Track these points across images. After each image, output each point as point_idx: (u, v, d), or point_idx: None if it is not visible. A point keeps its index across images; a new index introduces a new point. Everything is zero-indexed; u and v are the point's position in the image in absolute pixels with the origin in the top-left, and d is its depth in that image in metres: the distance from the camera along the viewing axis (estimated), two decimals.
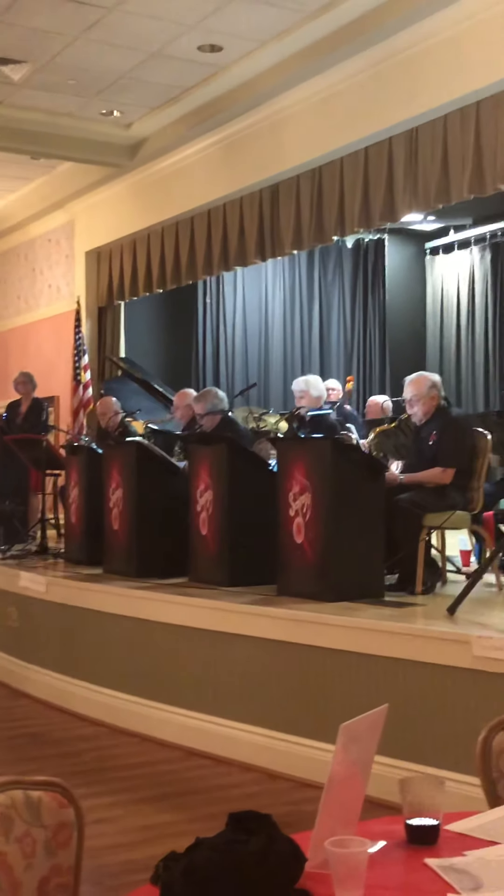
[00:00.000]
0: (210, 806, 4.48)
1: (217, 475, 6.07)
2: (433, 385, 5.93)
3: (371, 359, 13.05)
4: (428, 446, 5.88)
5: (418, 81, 6.37)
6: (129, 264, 9.89)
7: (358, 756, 1.78)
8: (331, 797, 1.69)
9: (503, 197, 6.95)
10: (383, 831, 1.80)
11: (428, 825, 1.75)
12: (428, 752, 4.39)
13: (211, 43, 6.76)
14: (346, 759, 1.74)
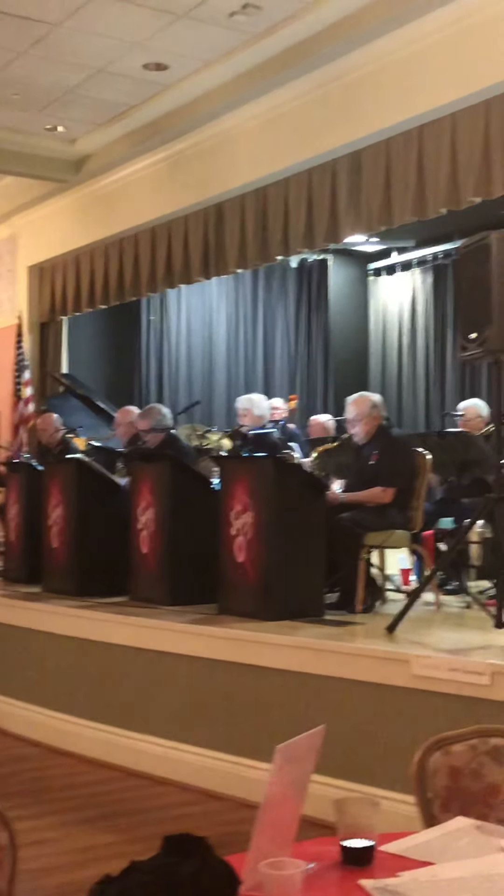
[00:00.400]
0: (148, 827, 4.44)
1: (159, 493, 6.04)
2: (374, 405, 5.98)
3: (314, 378, 13.12)
4: (369, 466, 5.92)
5: (362, 105, 6.44)
6: (73, 280, 9.84)
7: (294, 777, 1.78)
8: (266, 819, 1.69)
9: (445, 220, 7.04)
10: (318, 852, 1.80)
11: (362, 846, 1.75)
12: (366, 772, 4.40)
13: (156, 61, 6.78)
14: (282, 781, 1.74)
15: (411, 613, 4.94)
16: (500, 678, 4.02)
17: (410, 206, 6.25)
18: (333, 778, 4.40)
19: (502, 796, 2.18)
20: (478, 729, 2.26)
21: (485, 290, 4.55)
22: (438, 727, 3.99)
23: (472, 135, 5.83)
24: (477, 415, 7.15)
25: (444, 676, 4.16)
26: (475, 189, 5.81)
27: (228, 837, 4.26)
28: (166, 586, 5.92)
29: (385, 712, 4.38)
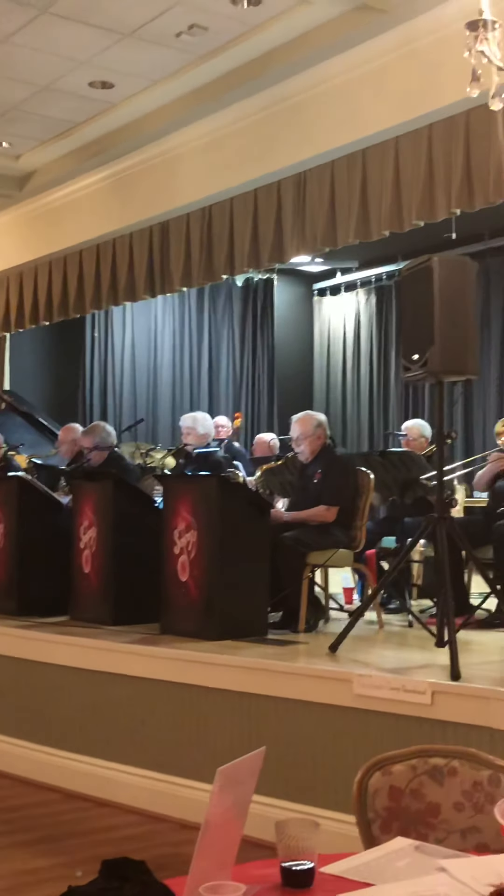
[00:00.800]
0: (89, 849, 4.39)
1: (101, 512, 6.01)
2: (319, 424, 6.01)
3: (259, 396, 13.15)
4: (313, 484, 5.94)
5: (307, 127, 6.49)
6: (16, 296, 9.76)
7: (235, 800, 1.77)
8: (207, 841, 1.68)
9: (388, 242, 7.11)
10: (259, 875, 1.80)
11: (302, 868, 1.75)
12: (309, 792, 4.40)
13: (102, 79, 6.77)
14: (223, 803, 1.73)
15: (354, 632, 4.96)
16: (440, 697, 4.05)
17: (354, 228, 6.30)
18: (275, 798, 4.40)
19: (442, 816, 2.20)
20: (418, 749, 2.27)
21: (427, 312, 4.61)
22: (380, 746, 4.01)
23: (416, 159, 5.90)
24: (420, 434, 7.22)
25: (386, 696, 4.18)
26: (418, 212, 5.88)
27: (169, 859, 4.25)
28: (108, 606, 5.88)
29: (327, 732, 4.38)
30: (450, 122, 5.70)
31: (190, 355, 12.69)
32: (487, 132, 5.44)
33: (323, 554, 5.73)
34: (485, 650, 5.12)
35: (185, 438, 7.16)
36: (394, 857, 1.87)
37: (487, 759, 2.22)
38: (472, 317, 4.72)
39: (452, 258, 4.85)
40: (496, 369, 10.95)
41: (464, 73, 2.88)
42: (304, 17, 5.82)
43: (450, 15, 5.33)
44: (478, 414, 11.20)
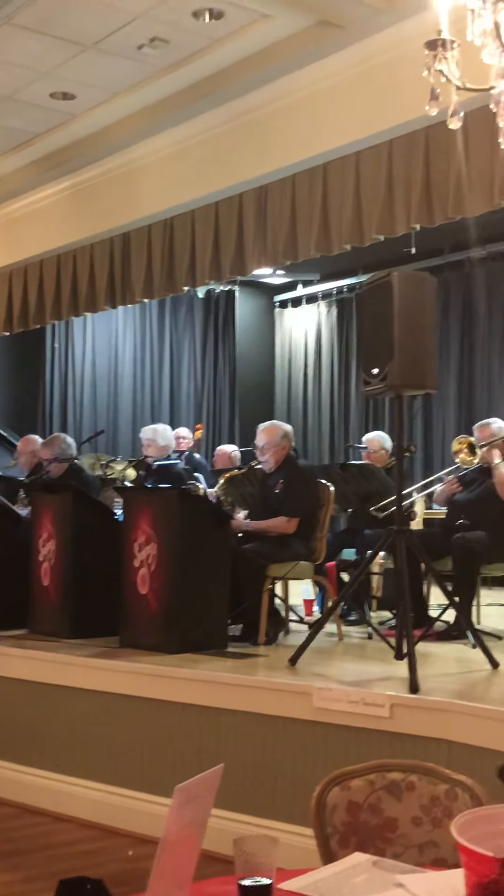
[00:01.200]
0: (46, 865, 4.35)
1: (61, 524, 5.98)
2: (285, 435, 6.03)
3: (220, 408, 13.15)
4: (274, 494, 5.96)
5: (269, 140, 6.52)
6: None
7: (193, 817, 1.77)
8: (164, 859, 1.68)
9: (349, 255, 7.15)
10: (216, 892, 1.79)
11: (260, 885, 1.74)
12: (268, 805, 4.40)
13: (64, 91, 6.76)
14: (181, 821, 1.73)
15: (314, 645, 4.97)
16: (399, 710, 4.07)
17: (315, 242, 6.33)
18: (235, 812, 4.39)
19: (400, 831, 2.20)
20: (376, 764, 2.28)
21: (387, 326, 4.64)
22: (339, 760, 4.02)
23: (376, 174, 5.95)
24: (381, 447, 7.26)
25: (345, 709, 4.19)
26: (378, 227, 5.92)
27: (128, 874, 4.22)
28: (67, 619, 5.84)
29: (287, 745, 4.38)
30: (409, 138, 5.75)
31: (151, 366, 12.66)
32: (447, 149, 5.50)
33: (283, 566, 5.74)
34: (443, 662, 5.15)
35: (146, 450, 7.15)
36: (351, 872, 1.87)
37: (445, 773, 2.23)
38: (432, 331, 4.76)
39: (412, 273, 4.89)
40: (455, 383, 11.04)
41: (423, 90, 2.91)
42: (264, 33, 5.85)
43: (409, 32, 5.38)
44: (437, 428, 11.28)
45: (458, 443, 6.42)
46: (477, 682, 4.68)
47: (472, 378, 10.97)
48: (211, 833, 1.85)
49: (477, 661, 4.92)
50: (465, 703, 3.99)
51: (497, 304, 10.72)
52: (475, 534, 5.98)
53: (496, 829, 1.59)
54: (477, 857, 1.44)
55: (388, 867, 1.88)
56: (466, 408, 10.93)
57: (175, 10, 5.65)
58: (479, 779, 2.26)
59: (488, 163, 5.30)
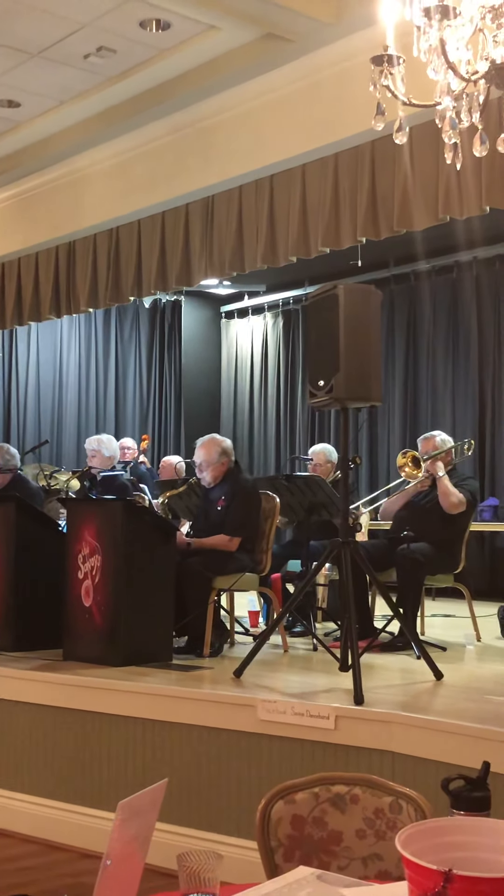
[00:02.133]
0: None
1: (3, 535, 5.90)
2: (223, 452, 6.00)
3: (166, 418, 13.12)
4: (216, 511, 5.94)
5: (215, 151, 6.53)
6: None
7: (136, 832, 1.75)
8: (108, 875, 1.66)
9: (295, 267, 7.18)
10: None
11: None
12: (213, 819, 4.38)
13: (9, 98, 6.71)
14: (124, 836, 1.71)
15: (259, 656, 4.96)
16: (343, 721, 4.08)
17: (262, 253, 6.35)
18: (179, 826, 4.37)
19: (344, 844, 2.20)
20: (320, 777, 2.27)
21: (333, 339, 4.66)
22: (285, 772, 4.02)
23: (322, 186, 5.98)
24: (326, 459, 7.28)
25: (290, 721, 4.18)
26: (324, 239, 5.95)
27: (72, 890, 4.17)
28: (10, 632, 5.77)
29: (232, 758, 4.37)
30: (355, 151, 5.80)
31: (96, 376, 12.59)
32: (392, 163, 5.55)
33: (228, 578, 5.72)
34: (388, 673, 5.17)
35: (91, 461, 7.10)
36: (296, 886, 1.86)
37: (389, 785, 2.23)
38: (377, 344, 4.79)
39: (357, 286, 4.92)
40: (400, 395, 11.13)
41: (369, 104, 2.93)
42: (212, 44, 5.86)
43: (355, 47, 5.43)
44: (382, 440, 11.35)
45: (402, 456, 6.46)
46: (421, 694, 4.71)
47: (416, 390, 11.07)
48: (155, 847, 1.83)
49: (421, 673, 4.95)
50: (410, 715, 4.00)
51: (442, 317, 10.83)
52: (419, 545, 6.02)
53: (440, 842, 1.59)
54: (421, 870, 1.44)
55: (332, 880, 1.87)
56: (411, 420, 11.02)
57: (122, 19, 5.65)
58: (423, 790, 2.26)
59: (433, 177, 5.36)
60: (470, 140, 2.93)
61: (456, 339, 10.68)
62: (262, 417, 12.93)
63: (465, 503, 6.19)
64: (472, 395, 10.46)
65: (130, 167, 7.15)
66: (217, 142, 6.52)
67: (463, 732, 3.79)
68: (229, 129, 6.44)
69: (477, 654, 6.00)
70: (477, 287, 10.43)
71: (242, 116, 6.35)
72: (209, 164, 6.57)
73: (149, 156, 7.00)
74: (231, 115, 6.42)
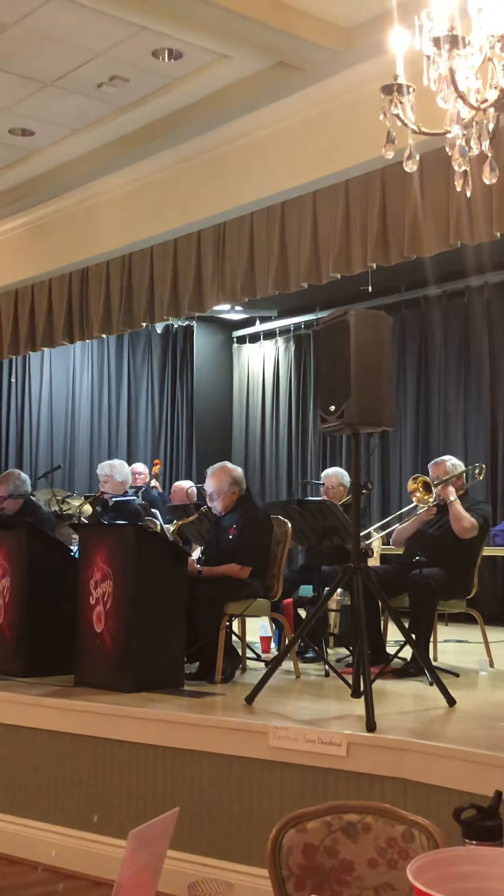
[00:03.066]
0: None
1: (15, 560, 5.91)
2: (234, 481, 6.00)
3: (178, 443, 13.13)
4: (228, 539, 5.93)
5: (226, 179, 6.57)
6: None
7: (147, 861, 1.75)
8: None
9: (307, 292, 7.21)
10: None
11: None
12: (224, 847, 4.35)
13: (23, 127, 6.78)
14: (135, 865, 1.70)
15: (271, 683, 4.94)
16: (356, 748, 4.05)
17: (273, 280, 6.38)
18: (190, 853, 4.34)
19: (356, 873, 2.19)
20: (332, 805, 2.26)
21: (344, 365, 4.67)
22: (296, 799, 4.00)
23: (333, 213, 6.02)
24: (339, 483, 7.27)
25: (302, 748, 4.17)
26: (335, 265, 5.98)
27: None
28: (21, 657, 5.77)
29: (243, 785, 4.35)
30: (366, 178, 5.83)
31: (108, 401, 12.63)
32: (402, 189, 5.58)
33: (240, 604, 5.71)
34: (400, 700, 5.14)
35: (103, 486, 7.12)
36: None
37: (401, 814, 2.22)
38: (388, 369, 4.80)
39: (368, 312, 4.93)
40: (412, 420, 11.12)
41: (379, 132, 2.95)
42: (223, 73, 5.92)
43: (365, 75, 5.48)
44: (394, 465, 11.34)
45: (413, 482, 6.45)
46: (434, 720, 4.68)
47: (428, 415, 11.06)
48: (167, 875, 1.82)
49: (434, 699, 4.93)
50: (422, 742, 3.98)
51: (453, 342, 10.84)
52: (432, 570, 6.00)
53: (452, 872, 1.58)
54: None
55: None
56: (423, 445, 11.00)
57: (135, 49, 5.70)
58: (435, 818, 2.25)
59: (443, 204, 5.39)
60: (480, 167, 2.95)
61: (467, 364, 10.68)
62: (273, 442, 12.93)
63: (478, 528, 6.17)
64: (484, 419, 10.45)
65: (143, 195, 7.20)
66: (228, 169, 6.56)
67: (476, 760, 3.77)
68: (241, 157, 6.48)
69: (490, 680, 5.96)
70: (488, 311, 10.44)
71: (254, 144, 6.40)
72: (221, 192, 6.62)
73: (161, 183, 7.05)
74: (242, 144, 6.47)
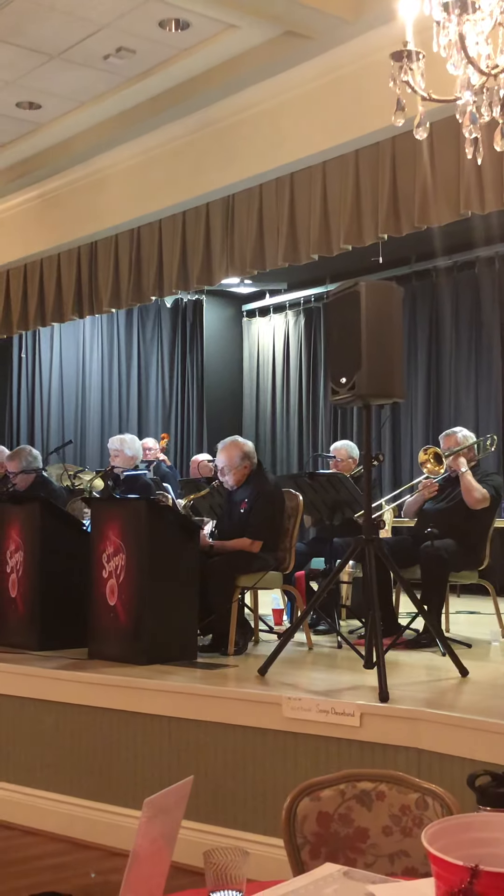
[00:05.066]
0: (14, 880, 4.30)
1: (28, 535, 5.93)
2: (244, 455, 5.99)
3: (189, 417, 13.14)
4: (239, 513, 5.93)
5: (234, 150, 6.53)
6: None
7: (162, 830, 1.76)
8: (135, 872, 1.66)
9: (316, 264, 7.18)
10: None
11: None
12: (239, 816, 4.38)
13: (30, 100, 6.74)
14: (151, 834, 1.71)
15: (283, 654, 4.96)
16: (369, 719, 4.07)
17: (283, 252, 6.34)
18: (205, 823, 4.37)
19: (370, 841, 2.20)
20: (346, 774, 2.27)
21: (355, 336, 4.65)
22: (310, 769, 4.03)
23: (343, 184, 5.97)
24: (348, 456, 7.27)
25: (315, 718, 4.18)
26: (346, 237, 5.94)
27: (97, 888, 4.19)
28: (35, 631, 5.80)
29: (257, 756, 4.37)
30: (376, 148, 5.78)
31: (119, 376, 12.63)
32: (412, 159, 5.54)
33: (252, 576, 5.73)
34: (413, 671, 5.15)
35: (114, 460, 7.12)
36: (322, 883, 1.86)
37: (415, 782, 2.23)
38: (399, 341, 4.78)
39: (379, 283, 4.91)
40: (423, 392, 11.09)
41: (389, 101, 2.92)
42: (231, 43, 5.87)
43: (374, 43, 5.42)
44: (405, 436, 11.32)
45: (423, 453, 6.44)
46: (446, 690, 4.69)
47: (439, 386, 11.03)
48: (181, 845, 1.83)
49: (446, 669, 4.94)
50: (435, 712, 3.99)
51: (464, 312, 10.79)
52: (443, 542, 6.00)
53: (467, 838, 1.59)
54: (447, 866, 1.44)
55: (359, 877, 1.87)
56: (434, 416, 10.98)
57: (141, 20, 5.66)
58: (448, 787, 2.26)
59: (454, 173, 5.34)
60: (490, 135, 2.92)
61: (478, 335, 10.64)
62: (284, 415, 12.92)
63: (489, 499, 6.16)
64: (496, 390, 10.42)
65: (151, 167, 7.17)
66: (237, 141, 6.52)
67: (489, 729, 3.78)
68: (249, 128, 6.44)
69: (502, 650, 5.97)
70: (499, 282, 10.38)
71: (262, 115, 6.35)
72: (229, 163, 6.58)
73: (169, 156, 7.01)
74: (251, 114, 6.42)
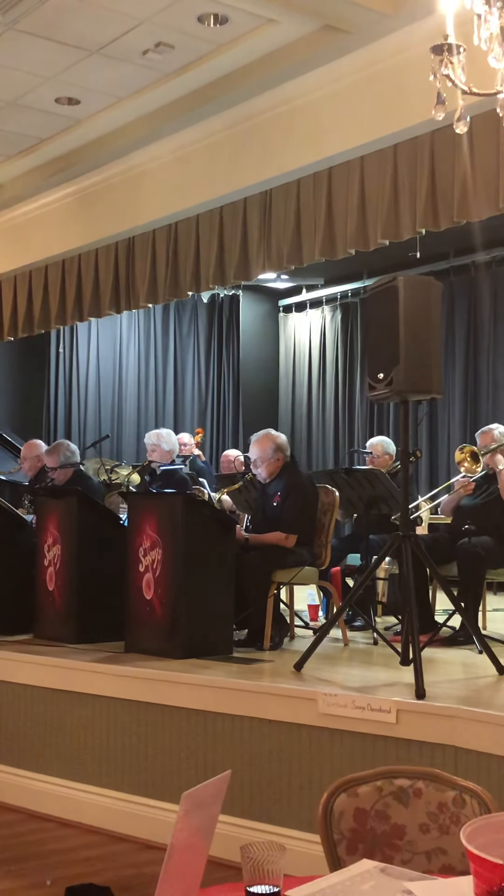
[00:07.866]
0: (52, 871, 4.34)
1: (66, 529, 5.97)
2: (277, 448, 5.98)
3: (225, 413, 13.16)
4: (272, 506, 5.93)
5: (272, 146, 6.52)
6: None
7: (200, 823, 1.76)
8: (172, 866, 1.67)
9: (354, 259, 7.15)
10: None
11: (267, 892, 1.74)
12: (274, 812, 4.39)
13: (68, 96, 6.77)
14: (188, 827, 1.72)
15: (319, 650, 4.95)
16: (405, 716, 4.06)
17: (320, 246, 6.32)
18: (241, 818, 4.38)
19: (407, 838, 2.19)
20: (383, 770, 2.26)
21: (393, 331, 4.63)
22: (346, 765, 4.02)
23: (381, 178, 5.94)
24: (385, 451, 7.24)
25: (351, 714, 4.18)
26: (383, 232, 5.91)
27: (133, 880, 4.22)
28: (73, 624, 5.84)
29: (293, 751, 4.37)
30: (414, 142, 5.75)
31: (155, 371, 12.67)
32: (452, 153, 5.50)
33: (288, 572, 5.73)
34: (449, 668, 5.13)
35: (150, 455, 7.14)
36: (359, 879, 1.86)
37: (452, 779, 2.22)
38: (437, 336, 4.76)
39: (417, 278, 4.88)
40: (460, 388, 11.03)
41: (428, 95, 2.90)
42: (269, 37, 5.85)
43: (414, 37, 5.39)
44: (442, 432, 11.27)
45: (460, 452, 6.40)
46: (483, 688, 4.67)
47: (476, 382, 10.96)
48: (218, 839, 1.84)
49: (483, 667, 4.91)
50: (472, 710, 3.97)
51: (502, 308, 10.72)
52: (481, 539, 5.96)
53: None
54: (486, 864, 1.44)
55: (396, 874, 1.87)
56: (472, 412, 10.92)
57: (180, 15, 5.66)
58: (486, 785, 2.25)
59: (493, 167, 5.30)
60: None
61: None
62: (320, 411, 12.90)
63: None
64: None
65: (189, 162, 7.17)
66: (275, 135, 6.51)
67: None
68: (287, 123, 6.42)
69: None
70: None
71: (300, 109, 6.33)
72: (267, 158, 6.56)
73: (207, 151, 7.01)
74: (289, 109, 6.40)
